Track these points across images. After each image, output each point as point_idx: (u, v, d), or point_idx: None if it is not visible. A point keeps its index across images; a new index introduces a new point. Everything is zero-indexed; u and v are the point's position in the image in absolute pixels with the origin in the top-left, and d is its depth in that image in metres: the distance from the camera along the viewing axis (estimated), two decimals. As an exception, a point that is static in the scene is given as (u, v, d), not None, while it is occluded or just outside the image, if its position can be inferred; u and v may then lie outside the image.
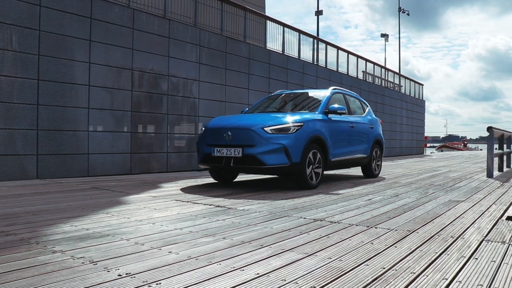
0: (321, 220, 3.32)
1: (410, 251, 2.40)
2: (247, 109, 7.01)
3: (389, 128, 19.32)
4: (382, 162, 8.09)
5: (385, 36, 26.55)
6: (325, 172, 8.30)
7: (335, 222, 3.24)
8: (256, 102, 7.15)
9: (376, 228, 3.05)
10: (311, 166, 5.49)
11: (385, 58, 24.71)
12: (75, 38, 6.71)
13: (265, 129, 5.19)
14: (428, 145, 51.38)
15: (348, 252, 2.37)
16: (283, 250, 2.39)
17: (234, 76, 10.03)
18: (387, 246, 2.50)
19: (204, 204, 4.11)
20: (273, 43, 12.13)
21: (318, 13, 19.57)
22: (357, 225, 3.14)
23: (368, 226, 3.09)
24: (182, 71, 8.62)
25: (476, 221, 3.31)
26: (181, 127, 8.67)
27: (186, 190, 5.31)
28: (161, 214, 3.55)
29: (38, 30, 6.22)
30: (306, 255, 2.30)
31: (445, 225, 3.16)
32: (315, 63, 13.93)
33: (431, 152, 29.43)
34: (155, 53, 8.04)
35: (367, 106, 7.81)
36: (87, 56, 6.90)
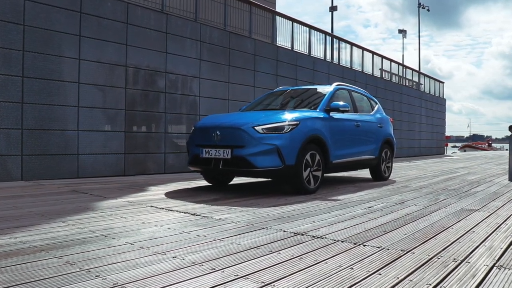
0: (303, 234, 2.84)
1: (397, 281, 1.90)
2: (245, 106, 6.56)
3: (407, 128, 18.53)
4: (397, 163, 7.54)
5: (402, 32, 25.59)
6: (331, 174, 7.84)
7: (318, 237, 2.76)
8: (255, 99, 6.69)
9: (364, 246, 2.55)
10: (308, 169, 4.99)
11: (402, 55, 23.83)
12: (63, 33, 6.39)
13: (256, 128, 4.72)
14: (450, 144, 49.76)
15: (316, 282, 1.89)
16: (236, 277, 1.93)
17: (238, 73, 9.59)
18: (369, 273, 2.00)
19: (179, 212, 3.68)
20: (283, 39, 11.65)
21: (333, 9, 18.93)
22: (342, 242, 2.64)
23: (355, 243, 2.59)
24: (181, 68, 8.23)
25: (489, 238, 2.76)
26: (180, 126, 8.28)
27: (171, 194, 4.90)
28: (123, 223, 3.13)
29: (22, 25, 5.92)
30: (261, 285, 1.83)
31: (450, 242, 2.63)
32: (327, 60, 13.35)
33: (452, 152, 28.30)
34: (152, 49, 7.67)
35: (376, 104, 7.24)
36: (77, 52, 6.57)
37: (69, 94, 6.49)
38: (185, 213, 3.64)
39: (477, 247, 2.53)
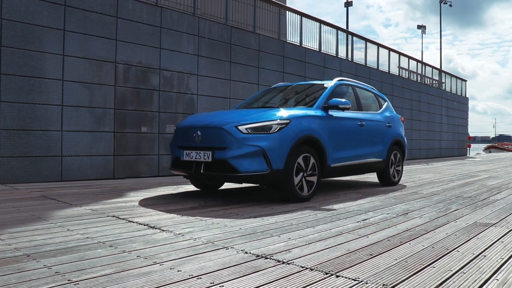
0: (267, 258, 2.30)
1: None
2: (239, 104, 6.05)
3: (427, 128, 17.64)
4: (413, 166, 6.89)
5: (422, 27, 24.53)
6: (337, 178, 7.23)
7: (283, 263, 2.21)
8: (250, 96, 6.17)
9: (337, 276, 1.99)
10: (301, 174, 4.42)
11: (421, 52, 22.81)
12: (45, 27, 6.02)
13: (240, 127, 4.19)
14: (473, 145, 47.92)
15: None
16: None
17: (240, 69, 9.08)
18: (325, 327, 1.45)
19: (139, 224, 3.18)
20: (291, 34, 11.08)
21: (348, 4, 18.21)
22: (312, 270, 2.09)
23: (326, 273, 2.04)
24: (177, 65, 7.77)
25: (504, 267, 2.15)
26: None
27: (147, 201, 4.42)
28: (62, 239, 2.66)
29: (-1, 18, 5.57)
30: None
31: (451, 273, 2.04)
32: (339, 56, 12.69)
33: (476, 153, 27.02)
34: (144, 44, 7.24)
35: (385, 101, 6.59)
36: (61, 47, 6.19)
37: (52, 92, 6.11)
38: (145, 225, 3.15)
39: (486, 281, 1.93)
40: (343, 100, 5.02)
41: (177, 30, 7.77)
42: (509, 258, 2.31)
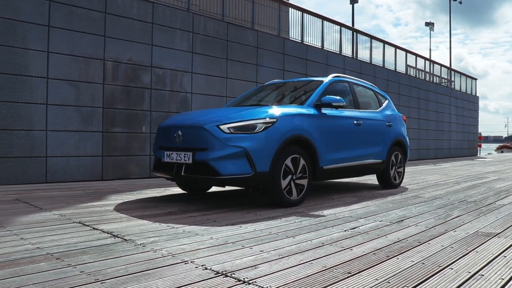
0: (226, 275, 1.99)
1: None
2: (230, 102, 5.75)
3: (435, 127, 17.15)
4: (420, 167, 6.53)
5: (429, 24, 23.95)
6: (338, 180, 6.88)
7: (243, 282, 1.90)
8: (241, 94, 5.86)
9: (301, 303, 1.67)
10: (289, 177, 4.10)
11: (430, 50, 22.27)
12: (29, 23, 5.79)
13: (221, 127, 3.88)
14: (486, 145, 47.00)
15: None
16: None
17: (238, 67, 8.78)
18: None
19: (102, 232, 2.90)
20: (292, 31, 10.77)
21: (353, 1, 17.80)
22: (274, 293, 1.78)
23: (290, 297, 1.72)
24: (170, 62, 7.50)
25: (503, 291, 1.82)
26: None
27: (124, 205, 4.15)
28: (9, 250, 2.39)
29: (-21, 13, 5.35)
30: None
31: (439, 299, 1.72)
32: (343, 54, 12.32)
33: (487, 154, 26.34)
34: (134, 41, 6.98)
35: (386, 99, 6.24)
36: (45, 44, 5.95)
37: (36, 90, 5.88)
38: (108, 233, 2.87)
39: (480, 310, 1.61)
40: (337, 97, 4.69)
41: (170, 26, 7.50)
42: (510, 279, 1.97)
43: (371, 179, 7.05)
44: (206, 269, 2.10)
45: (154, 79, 7.24)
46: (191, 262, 2.22)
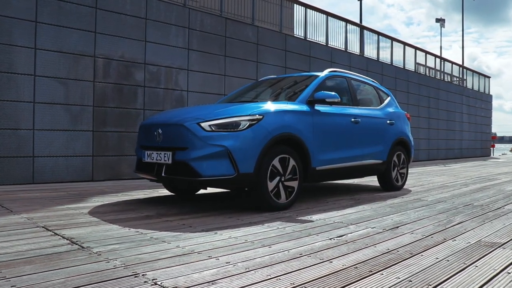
0: (175, 296, 1.71)
1: None
2: (222, 99, 5.49)
3: (446, 127, 16.64)
4: (428, 167, 6.18)
5: (440, 21, 23.34)
6: (337, 182, 6.54)
7: (191, 305, 1.62)
8: (234, 90, 5.58)
9: (250, 333, 1.38)
10: (277, 178, 3.81)
11: (440, 47, 21.67)
12: (14, 18, 5.60)
13: (202, 124, 3.61)
14: (501, 145, 45.86)
15: None
16: None
17: (237, 64, 8.50)
18: None
19: (62, 238, 2.65)
20: (296, 28, 10.46)
21: (361, -3, 17.39)
22: (222, 319, 1.49)
23: (238, 326, 1.44)
24: (165, 59, 7.26)
25: (500, 319, 1.50)
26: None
27: (101, 208, 3.90)
28: None
29: (-39, 8, 5.17)
30: None
31: (419, 330, 1.41)
32: (348, 51, 11.95)
33: (501, 154, 25.59)
34: (127, 37, 6.75)
35: (388, 96, 5.89)
36: (32, 40, 5.76)
37: (23, 88, 5.68)
38: (68, 239, 2.62)
39: None
40: (332, 93, 4.37)
41: (164, 22, 7.26)
42: (510, 303, 1.65)
43: (374, 180, 6.71)
44: (155, 284, 1.82)
45: (147, 77, 7.01)
46: (142, 275, 1.94)
